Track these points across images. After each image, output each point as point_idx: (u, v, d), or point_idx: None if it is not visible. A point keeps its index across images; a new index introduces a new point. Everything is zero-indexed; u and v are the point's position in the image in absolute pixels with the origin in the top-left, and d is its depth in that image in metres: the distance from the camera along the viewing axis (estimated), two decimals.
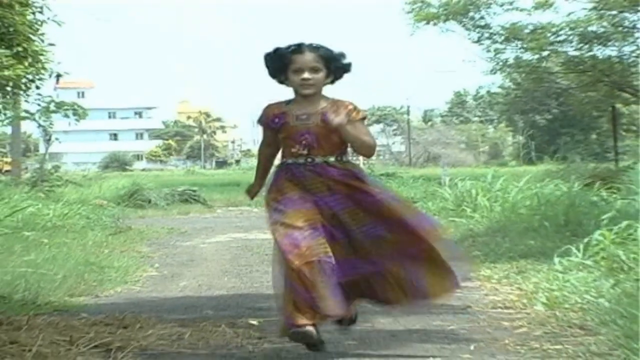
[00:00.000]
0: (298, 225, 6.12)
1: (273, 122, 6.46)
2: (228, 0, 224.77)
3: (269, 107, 6.55)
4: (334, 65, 6.46)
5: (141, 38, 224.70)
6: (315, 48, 6.41)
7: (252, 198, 6.86)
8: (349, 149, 6.57)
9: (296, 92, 6.45)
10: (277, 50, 6.45)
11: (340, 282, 6.15)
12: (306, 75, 6.32)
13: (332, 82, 6.51)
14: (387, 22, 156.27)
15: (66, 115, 36.66)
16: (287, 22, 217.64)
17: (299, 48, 6.38)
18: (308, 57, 6.35)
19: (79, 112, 36.46)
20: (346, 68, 6.56)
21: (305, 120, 6.36)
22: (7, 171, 48.47)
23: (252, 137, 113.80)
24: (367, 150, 6.59)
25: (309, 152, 6.32)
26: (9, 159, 60.84)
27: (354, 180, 6.37)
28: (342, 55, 6.53)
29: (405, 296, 6.38)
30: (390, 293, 6.36)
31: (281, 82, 6.52)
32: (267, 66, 6.53)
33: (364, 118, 6.51)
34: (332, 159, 6.36)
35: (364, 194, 6.33)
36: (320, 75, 6.37)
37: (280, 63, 6.43)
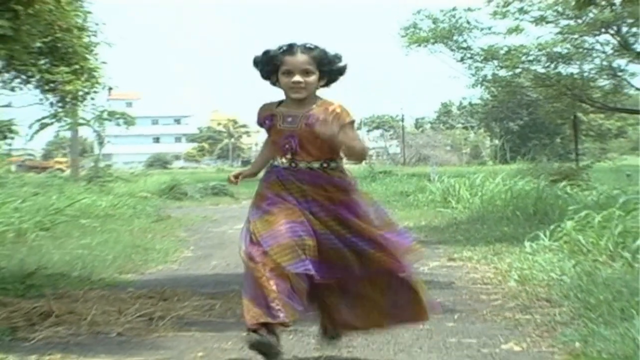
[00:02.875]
0: (277, 223, 5.02)
1: (264, 123, 5.29)
2: (247, 8, 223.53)
3: (262, 108, 5.35)
4: (328, 68, 5.23)
5: (179, 53, 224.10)
6: (308, 49, 5.19)
7: (233, 179, 5.43)
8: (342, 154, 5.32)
9: (284, 93, 5.25)
10: (267, 52, 5.24)
11: (317, 288, 5.10)
12: (297, 78, 5.11)
13: (326, 84, 5.29)
14: (385, 43, 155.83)
15: (118, 124, 36.87)
16: (297, 23, 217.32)
17: (290, 49, 5.18)
18: (300, 58, 5.13)
19: (128, 120, 36.68)
20: (341, 71, 5.32)
21: (291, 123, 5.18)
22: (58, 169, 48.30)
23: None
24: (357, 156, 5.34)
25: (293, 156, 5.15)
26: (62, 159, 60.97)
27: (336, 190, 5.17)
28: (338, 57, 5.28)
29: (383, 319, 5.30)
30: (366, 318, 5.27)
31: (274, 84, 5.30)
32: (258, 68, 5.30)
33: (352, 122, 5.23)
34: (316, 164, 5.15)
35: (344, 207, 5.13)
36: (312, 78, 5.14)
37: (271, 65, 5.21)
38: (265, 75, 5.29)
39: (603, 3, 20.79)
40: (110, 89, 29.74)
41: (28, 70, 22.66)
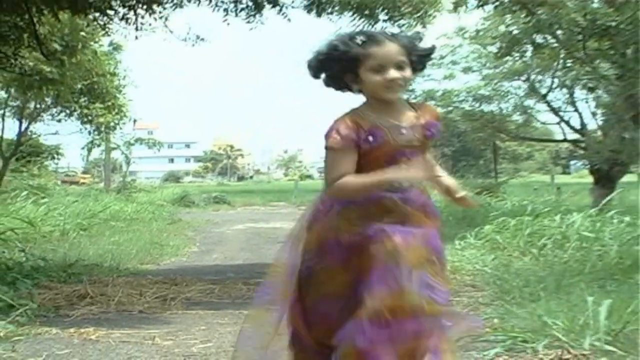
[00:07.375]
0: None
1: (367, 140, 2.84)
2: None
3: (351, 121, 2.86)
4: (417, 56, 2.95)
5: (189, 92, 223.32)
6: (394, 37, 2.92)
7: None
8: None
9: (373, 96, 2.91)
10: (335, 46, 2.89)
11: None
12: (394, 73, 2.84)
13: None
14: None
15: (150, 147, 37.03)
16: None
17: (374, 38, 2.88)
18: (391, 49, 2.86)
19: (157, 144, 36.90)
20: (430, 54, 3.09)
21: (407, 136, 2.91)
22: (82, 183, 47.71)
23: (261, 160, 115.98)
24: None
25: None
26: (85, 175, 60.50)
27: (428, 218, 3.10)
28: (420, 38, 3.01)
29: None
30: None
31: (340, 88, 2.99)
32: (324, 70, 2.95)
33: None
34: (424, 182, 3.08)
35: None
36: (409, 72, 2.90)
37: (347, 62, 2.87)
38: (333, 79, 2.98)
39: (516, 55, 20.93)
40: (135, 120, 29.72)
41: (71, 106, 22.62)
